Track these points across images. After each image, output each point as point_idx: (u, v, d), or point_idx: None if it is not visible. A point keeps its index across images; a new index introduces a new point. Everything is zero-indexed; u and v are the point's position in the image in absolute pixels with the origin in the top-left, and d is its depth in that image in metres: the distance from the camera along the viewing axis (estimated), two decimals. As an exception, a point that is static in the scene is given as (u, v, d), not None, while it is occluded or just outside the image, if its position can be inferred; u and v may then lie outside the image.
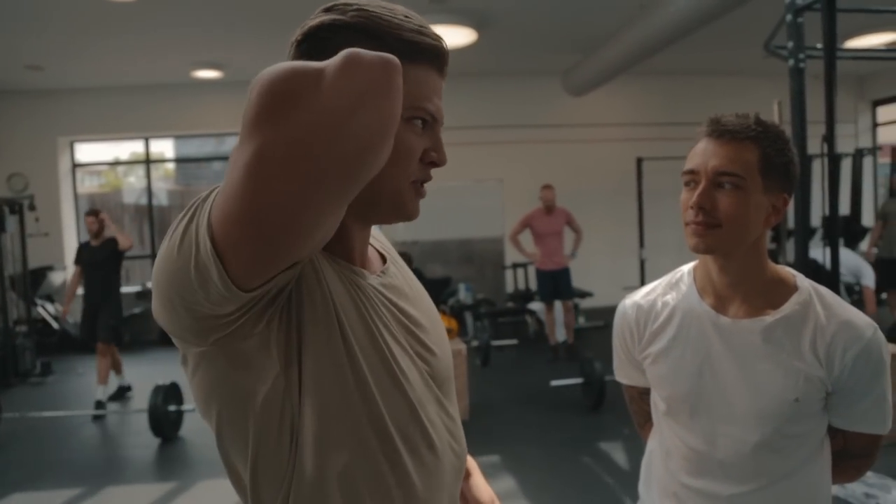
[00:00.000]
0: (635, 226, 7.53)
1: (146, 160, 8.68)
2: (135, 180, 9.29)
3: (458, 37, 6.18)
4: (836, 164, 3.45)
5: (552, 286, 6.24)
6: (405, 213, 0.81)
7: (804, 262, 3.34)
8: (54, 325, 7.40)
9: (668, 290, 1.27)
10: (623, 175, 7.86)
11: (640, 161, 7.43)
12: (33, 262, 7.08)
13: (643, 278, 7.39)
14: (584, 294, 7.18)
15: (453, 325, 5.08)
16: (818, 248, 4.26)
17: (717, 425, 1.16)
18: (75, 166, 8.54)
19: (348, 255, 0.81)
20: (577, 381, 4.91)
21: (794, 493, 1.15)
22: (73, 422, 4.87)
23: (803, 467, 1.16)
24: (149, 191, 8.68)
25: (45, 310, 7.44)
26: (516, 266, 8.02)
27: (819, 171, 3.97)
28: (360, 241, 0.83)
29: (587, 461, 3.87)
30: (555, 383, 4.99)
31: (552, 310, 6.36)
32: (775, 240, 6.56)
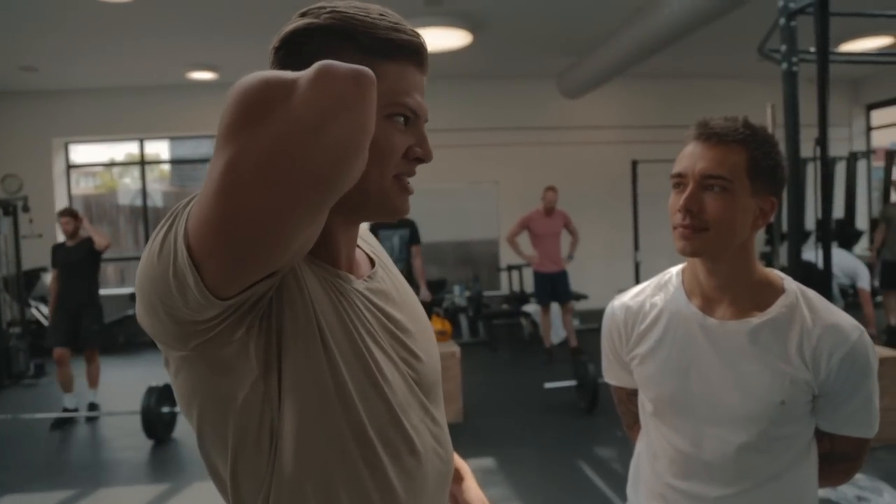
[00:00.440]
0: (630, 228, 7.54)
1: (141, 161, 8.67)
2: (130, 181, 9.28)
3: (453, 39, 6.19)
4: (829, 167, 3.46)
5: (550, 288, 6.23)
6: (391, 210, 0.80)
7: (797, 265, 3.35)
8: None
9: (656, 292, 1.27)
10: (618, 177, 7.87)
11: (634, 164, 7.45)
12: (27, 264, 7.05)
13: (638, 281, 7.39)
14: (579, 296, 7.19)
15: (447, 327, 5.07)
16: (812, 250, 4.28)
17: (703, 427, 1.16)
18: (70, 167, 8.51)
19: (333, 260, 0.81)
20: (571, 383, 4.92)
21: (781, 496, 1.16)
22: (66, 424, 4.85)
23: (790, 470, 1.16)
24: (144, 192, 8.66)
25: (38, 311, 7.42)
26: (511, 268, 8.03)
27: (813, 175, 4.00)
28: (346, 243, 0.83)
29: (580, 464, 3.87)
30: (548, 386, 5.00)
31: (548, 312, 6.36)
32: (769, 243, 6.58)
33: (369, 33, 0.74)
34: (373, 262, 0.91)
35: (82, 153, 8.80)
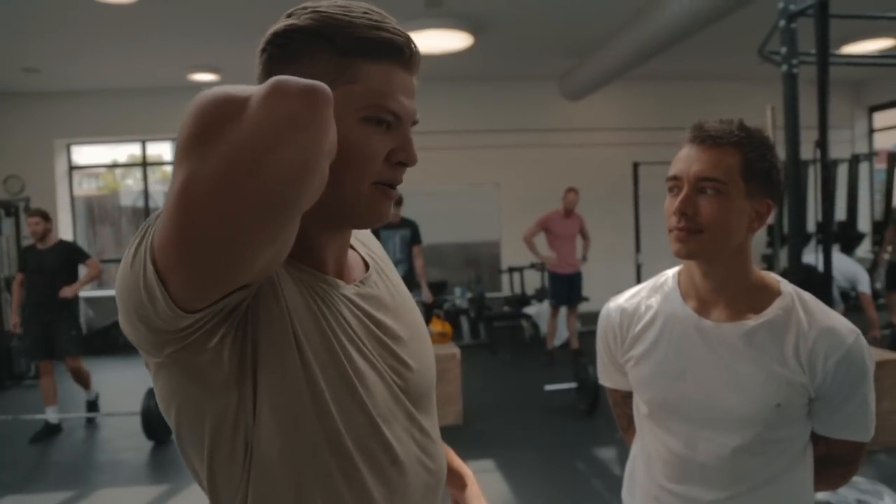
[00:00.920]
0: (631, 230, 7.52)
1: (143, 163, 8.68)
2: (133, 183, 9.29)
3: (455, 41, 6.19)
4: (829, 169, 3.45)
5: (566, 290, 6.22)
6: (371, 217, 0.78)
7: (798, 268, 3.35)
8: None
9: (652, 294, 1.27)
10: (619, 179, 7.86)
11: (636, 166, 7.44)
12: (29, 265, 7.05)
13: (639, 283, 7.37)
14: (581, 298, 7.18)
15: (447, 328, 5.07)
16: (814, 253, 4.27)
17: (697, 429, 1.16)
18: (72, 168, 8.53)
19: (319, 265, 0.79)
20: (572, 385, 4.91)
21: (776, 500, 1.15)
22: (67, 424, 4.85)
23: (785, 474, 1.15)
24: (146, 193, 8.68)
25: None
26: (512, 270, 8.02)
27: (814, 177, 3.99)
28: (335, 248, 0.81)
29: (580, 466, 3.87)
30: (549, 388, 4.99)
31: (557, 314, 6.34)
32: (770, 245, 6.57)
33: (347, 33, 0.71)
34: (368, 267, 0.89)
35: (85, 154, 8.82)
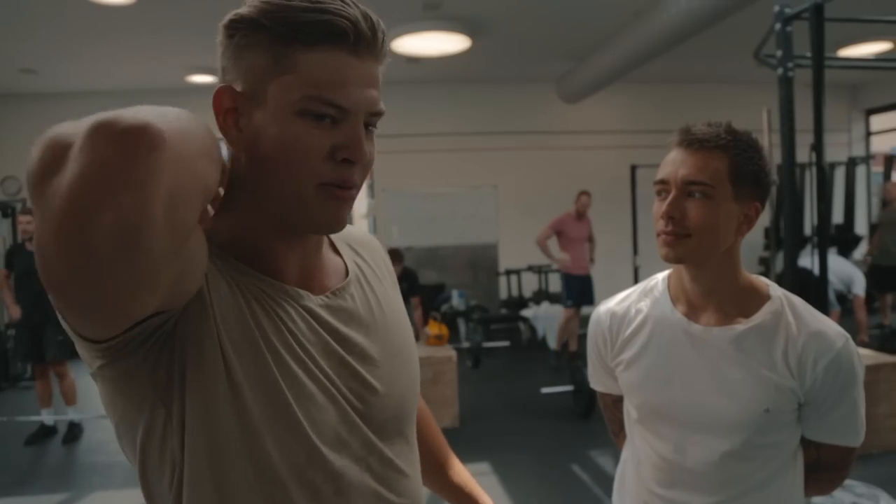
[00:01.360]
0: (629, 233, 7.52)
1: (141, 164, 8.68)
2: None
3: (452, 44, 6.20)
4: (825, 172, 3.46)
5: (579, 292, 6.24)
6: (322, 222, 0.70)
7: (793, 271, 3.35)
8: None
9: (642, 298, 1.26)
10: (617, 182, 7.86)
11: (633, 168, 7.44)
12: (25, 266, 7.04)
13: (637, 286, 7.37)
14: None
15: (444, 331, 5.07)
16: (810, 256, 4.27)
17: (686, 434, 1.15)
18: (70, 170, 8.54)
19: (276, 273, 0.73)
20: (568, 388, 4.91)
21: (766, 505, 1.15)
22: (63, 426, 4.84)
23: (775, 479, 1.15)
24: (143, 195, 8.68)
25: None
26: (510, 272, 8.02)
27: (811, 180, 4.00)
28: (297, 255, 0.75)
29: (576, 469, 3.86)
30: (545, 391, 4.99)
31: (577, 315, 6.30)
32: (768, 248, 6.58)
33: (281, 18, 0.64)
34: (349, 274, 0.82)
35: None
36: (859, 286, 5.71)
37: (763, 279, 1.21)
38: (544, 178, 8.35)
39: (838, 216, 8.04)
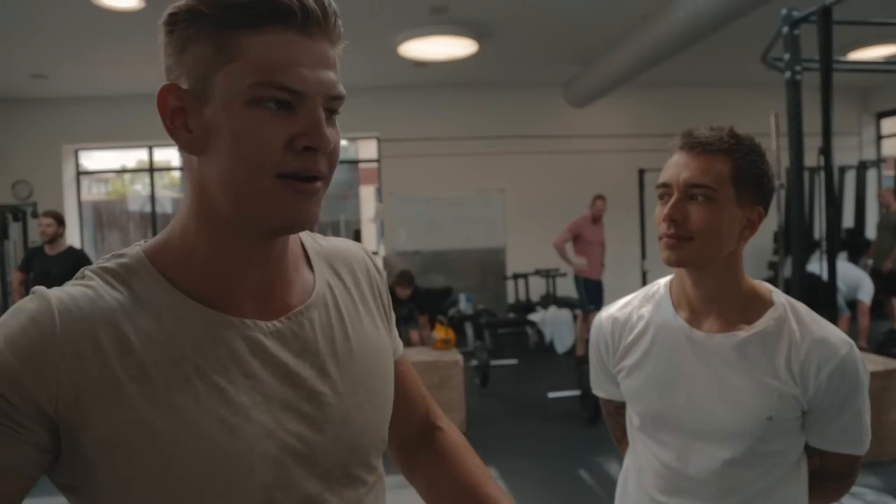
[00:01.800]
0: (637, 237, 7.50)
1: (150, 168, 8.73)
2: (141, 188, 9.35)
3: (459, 48, 6.21)
4: (832, 176, 3.43)
5: (594, 295, 6.25)
6: (280, 218, 0.63)
7: (802, 276, 3.32)
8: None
9: (644, 303, 1.25)
10: (624, 186, 7.84)
11: (641, 172, 7.42)
12: (35, 270, 7.09)
13: (645, 290, 7.34)
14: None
15: (451, 335, 5.06)
16: (819, 261, 4.23)
17: (689, 441, 1.14)
18: (80, 174, 8.59)
19: (219, 293, 0.66)
20: (575, 392, 4.89)
21: (769, 514, 1.13)
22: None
23: (778, 487, 1.13)
24: (152, 199, 8.72)
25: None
26: (517, 276, 8.00)
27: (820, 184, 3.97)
28: (257, 269, 0.68)
29: (583, 474, 3.84)
30: (552, 395, 4.97)
31: (589, 319, 6.32)
32: (777, 253, 6.52)
33: (221, 2, 0.60)
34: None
35: (95, 160, 8.88)
36: (865, 292, 5.66)
37: (766, 285, 1.19)
38: (552, 182, 8.33)
39: (849, 220, 7.99)
